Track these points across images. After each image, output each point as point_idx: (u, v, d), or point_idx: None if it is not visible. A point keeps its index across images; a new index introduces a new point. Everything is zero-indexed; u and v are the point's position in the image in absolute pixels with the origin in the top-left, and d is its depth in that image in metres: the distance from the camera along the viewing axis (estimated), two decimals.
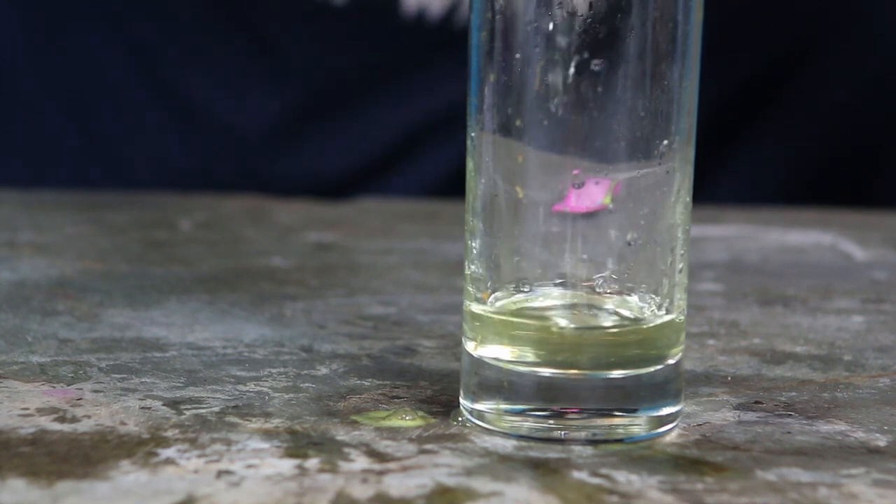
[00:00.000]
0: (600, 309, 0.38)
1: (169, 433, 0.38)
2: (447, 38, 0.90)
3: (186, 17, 0.93)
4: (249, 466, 0.35)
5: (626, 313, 0.38)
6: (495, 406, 0.38)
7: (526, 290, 0.38)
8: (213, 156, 0.92)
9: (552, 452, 0.37)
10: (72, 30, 0.94)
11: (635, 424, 0.38)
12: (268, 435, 0.38)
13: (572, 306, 0.38)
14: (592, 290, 0.38)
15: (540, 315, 0.38)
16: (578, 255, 0.37)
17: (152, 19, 0.94)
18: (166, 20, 0.94)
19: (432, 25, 0.90)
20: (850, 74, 0.94)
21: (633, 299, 0.38)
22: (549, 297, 0.38)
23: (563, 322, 0.37)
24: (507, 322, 0.38)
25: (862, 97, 0.94)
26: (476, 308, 0.39)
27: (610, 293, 0.38)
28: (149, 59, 0.94)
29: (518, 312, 0.38)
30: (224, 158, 0.92)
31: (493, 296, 0.38)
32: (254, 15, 0.93)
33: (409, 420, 0.39)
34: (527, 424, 0.38)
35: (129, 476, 0.34)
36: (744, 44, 0.92)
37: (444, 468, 0.35)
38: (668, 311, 0.38)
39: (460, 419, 0.39)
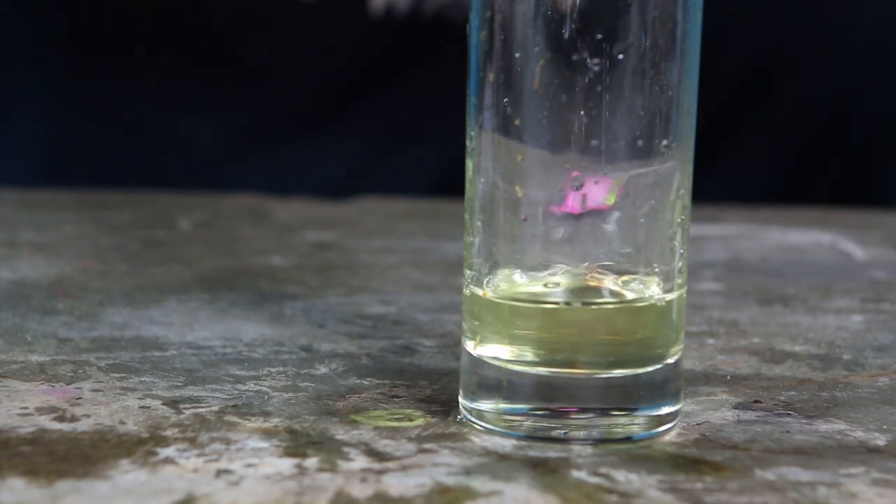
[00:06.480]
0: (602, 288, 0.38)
1: (168, 432, 0.38)
2: (418, 32, 0.90)
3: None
4: (249, 466, 0.35)
5: (628, 295, 0.38)
6: (494, 405, 0.38)
7: (525, 281, 0.38)
8: (179, 175, 0.90)
9: (551, 452, 0.37)
10: None
11: (635, 424, 0.38)
12: (267, 434, 0.38)
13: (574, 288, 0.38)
14: (591, 278, 0.38)
15: (541, 296, 0.38)
16: (578, 255, 0.37)
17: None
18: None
19: (401, 21, 0.89)
20: (835, 74, 0.93)
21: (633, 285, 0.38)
22: (551, 280, 0.38)
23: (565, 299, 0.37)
24: (508, 308, 0.38)
25: (853, 96, 0.94)
26: (477, 291, 0.39)
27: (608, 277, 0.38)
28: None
29: (519, 295, 0.38)
30: (193, 177, 0.90)
31: (490, 285, 0.38)
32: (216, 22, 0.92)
33: (408, 420, 0.39)
34: (526, 424, 0.38)
35: (128, 475, 0.34)
36: (731, 44, 0.92)
37: (443, 467, 0.35)
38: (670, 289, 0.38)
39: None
